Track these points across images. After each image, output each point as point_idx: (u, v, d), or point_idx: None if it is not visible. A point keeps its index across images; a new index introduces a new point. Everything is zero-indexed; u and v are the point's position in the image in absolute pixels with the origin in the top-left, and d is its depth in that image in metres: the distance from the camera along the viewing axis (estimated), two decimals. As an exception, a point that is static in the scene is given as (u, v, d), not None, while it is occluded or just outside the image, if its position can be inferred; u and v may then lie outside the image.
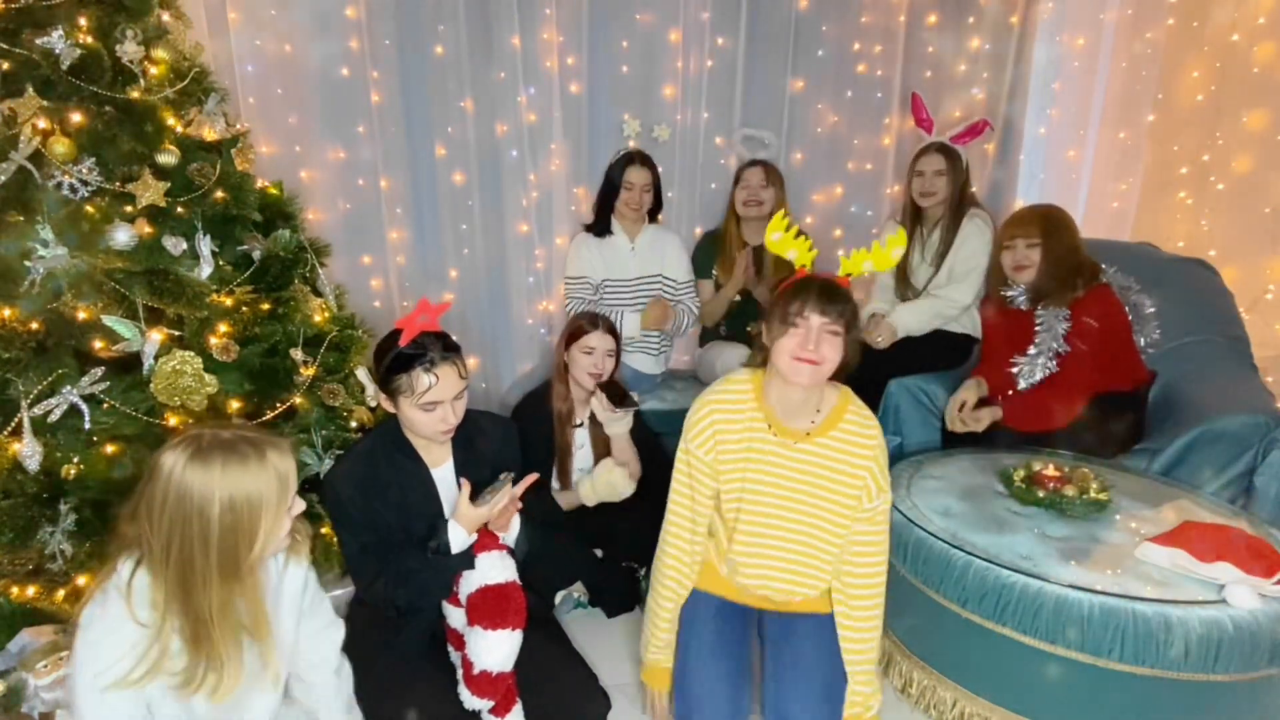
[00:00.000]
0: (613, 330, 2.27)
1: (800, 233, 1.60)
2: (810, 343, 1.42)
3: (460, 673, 1.53)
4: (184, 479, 1.10)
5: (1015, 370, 2.40)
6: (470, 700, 1.50)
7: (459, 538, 1.56)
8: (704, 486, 1.59)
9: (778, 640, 1.60)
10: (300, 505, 1.25)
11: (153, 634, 1.14)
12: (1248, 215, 2.80)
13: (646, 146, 3.06)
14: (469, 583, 1.56)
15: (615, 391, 2.20)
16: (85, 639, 1.14)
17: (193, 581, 1.12)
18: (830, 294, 1.44)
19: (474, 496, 1.58)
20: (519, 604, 1.53)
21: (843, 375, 1.52)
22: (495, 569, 1.55)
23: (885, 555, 1.61)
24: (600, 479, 2.24)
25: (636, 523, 2.25)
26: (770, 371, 1.54)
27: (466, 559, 1.58)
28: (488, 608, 1.51)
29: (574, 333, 2.25)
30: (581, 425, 2.32)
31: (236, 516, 1.11)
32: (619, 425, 2.23)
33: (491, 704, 1.51)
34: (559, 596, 2.28)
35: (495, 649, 1.49)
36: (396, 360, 1.57)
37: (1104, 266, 2.46)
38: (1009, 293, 2.45)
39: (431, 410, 1.58)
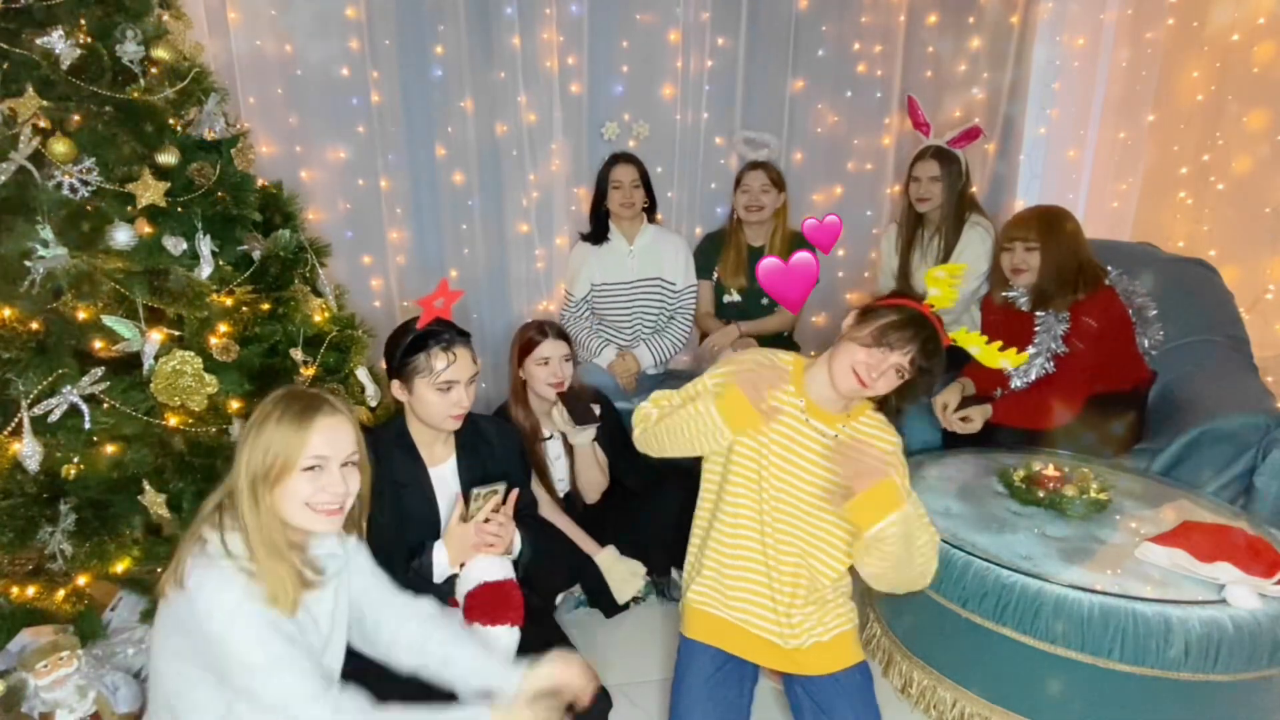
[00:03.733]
0: (563, 334, 2.20)
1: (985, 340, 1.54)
2: (876, 370, 1.42)
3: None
4: (251, 418, 1.25)
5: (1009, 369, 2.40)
6: (470, 700, 1.49)
7: (441, 565, 1.57)
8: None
9: (813, 708, 1.54)
10: (338, 485, 1.25)
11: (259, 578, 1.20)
12: (1248, 215, 2.80)
13: (631, 148, 3.07)
14: (466, 581, 1.56)
15: (575, 405, 2.12)
16: (203, 593, 1.17)
17: (238, 503, 1.22)
18: (929, 348, 1.42)
19: (466, 496, 1.59)
20: (517, 600, 1.54)
21: (891, 412, 1.56)
22: (493, 567, 1.56)
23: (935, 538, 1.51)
24: (614, 575, 2.19)
25: (638, 527, 2.25)
26: (820, 362, 1.54)
27: (443, 592, 1.59)
28: (486, 604, 1.52)
29: (525, 346, 2.17)
30: (552, 437, 2.27)
31: (256, 452, 1.22)
32: (582, 437, 2.16)
33: (490, 704, 1.51)
34: (559, 597, 2.28)
35: (495, 646, 1.49)
36: (414, 342, 1.61)
37: (1109, 269, 2.46)
38: (1009, 294, 2.45)
39: (447, 390, 1.61)
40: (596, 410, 2.16)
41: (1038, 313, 2.37)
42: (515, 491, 1.63)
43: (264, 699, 1.17)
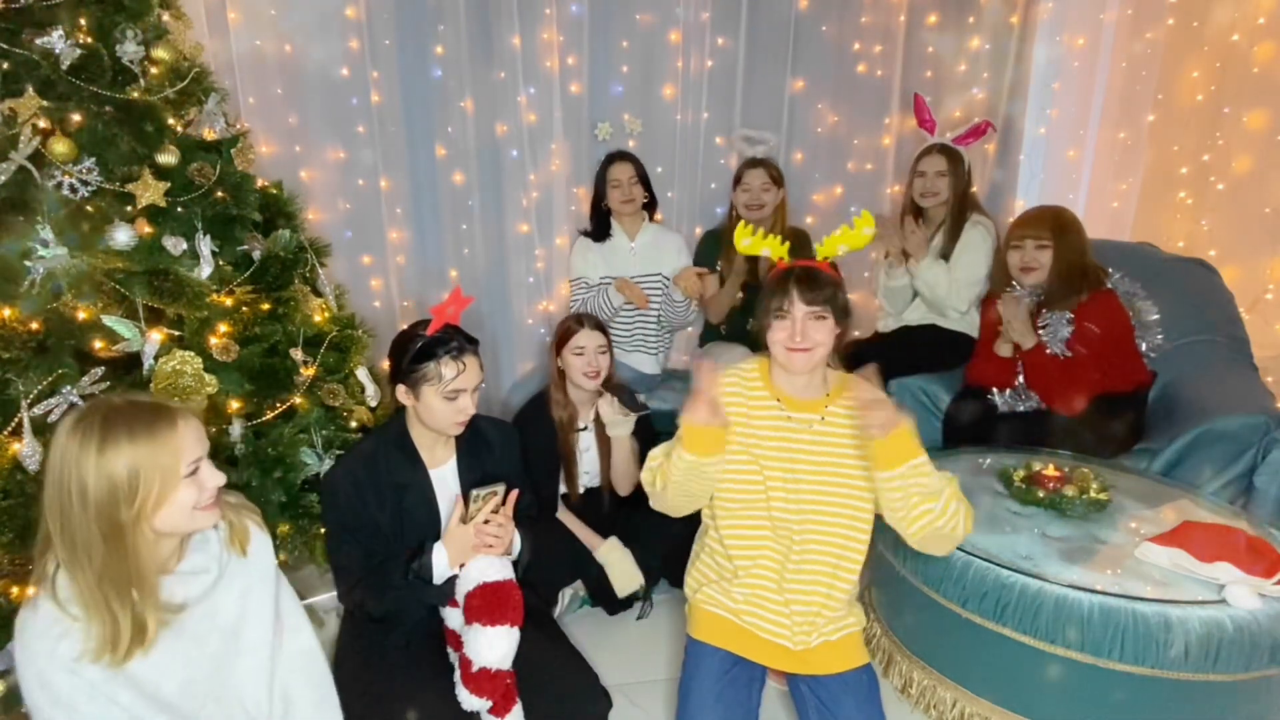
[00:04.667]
0: (600, 327, 2.24)
1: (766, 233, 1.63)
2: (797, 333, 1.47)
3: (458, 673, 1.53)
4: (63, 458, 1.11)
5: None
6: (469, 700, 1.50)
7: (441, 566, 1.57)
8: None
9: (819, 707, 1.54)
10: (216, 478, 1.21)
11: (84, 628, 1.14)
12: (1248, 215, 2.80)
13: (631, 148, 3.07)
14: (466, 581, 1.56)
15: (625, 395, 2.19)
16: (20, 642, 1.13)
17: (76, 549, 1.12)
18: (809, 282, 1.48)
19: (466, 497, 1.59)
20: (516, 600, 1.54)
21: (848, 351, 1.57)
22: (493, 567, 1.56)
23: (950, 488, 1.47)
24: (615, 570, 2.20)
25: (636, 529, 2.24)
26: (773, 359, 1.57)
27: (443, 593, 1.60)
28: (486, 604, 1.51)
29: (562, 336, 2.22)
30: (586, 429, 2.31)
31: (114, 486, 1.11)
32: (621, 428, 2.21)
33: (490, 703, 1.51)
34: (565, 598, 2.28)
35: (494, 645, 1.49)
36: (424, 348, 1.59)
37: (1109, 271, 2.46)
38: (1014, 293, 2.44)
39: (454, 399, 1.61)
40: (641, 399, 2.21)
41: (1043, 314, 2.37)
42: (515, 492, 1.63)
43: None
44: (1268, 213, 2.74)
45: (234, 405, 1.86)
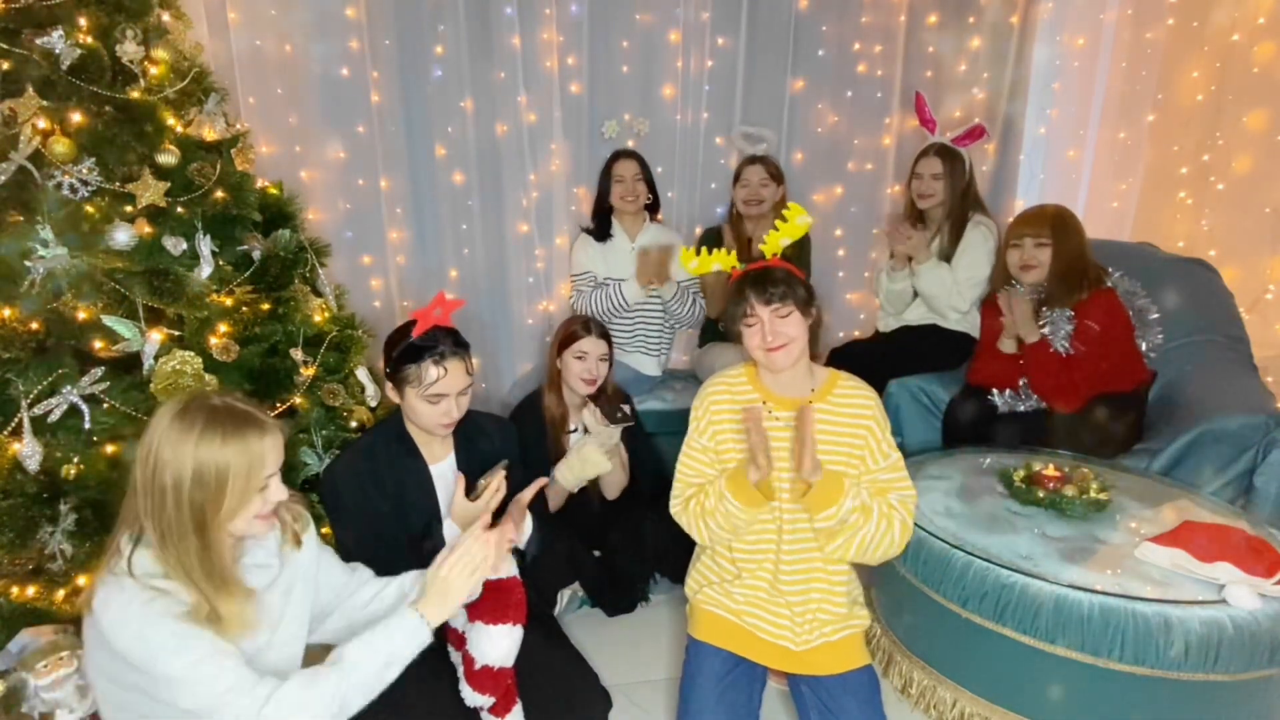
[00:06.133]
0: (605, 335, 2.24)
1: (710, 250, 1.66)
2: (769, 334, 1.49)
3: (461, 670, 1.53)
4: (162, 441, 1.15)
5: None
6: (471, 697, 1.50)
7: (454, 537, 1.57)
8: (708, 469, 1.60)
9: (820, 707, 1.55)
10: (281, 493, 1.24)
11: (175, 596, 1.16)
12: (1248, 215, 2.80)
13: (631, 146, 3.06)
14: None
15: (609, 406, 2.17)
16: (109, 614, 1.14)
17: (169, 535, 1.16)
18: (764, 282, 1.50)
19: (469, 489, 1.59)
20: (520, 599, 1.54)
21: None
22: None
23: (911, 494, 1.55)
24: (575, 456, 2.17)
25: (631, 529, 2.24)
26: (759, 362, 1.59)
27: None
28: (489, 602, 1.51)
29: (566, 338, 2.22)
30: (575, 431, 2.31)
31: (204, 481, 1.15)
32: (603, 438, 2.18)
33: (492, 701, 1.51)
34: (565, 598, 2.28)
35: (497, 644, 1.49)
36: (408, 350, 1.60)
37: (1110, 270, 2.46)
38: (1016, 290, 2.45)
39: (436, 403, 1.61)
40: (627, 410, 2.19)
41: (1044, 312, 2.36)
42: (538, 482, 1.63)
43: (192, 706, 1.13)
44: (1268, 213, 2.74)
45: (234, 405, 1.86)
